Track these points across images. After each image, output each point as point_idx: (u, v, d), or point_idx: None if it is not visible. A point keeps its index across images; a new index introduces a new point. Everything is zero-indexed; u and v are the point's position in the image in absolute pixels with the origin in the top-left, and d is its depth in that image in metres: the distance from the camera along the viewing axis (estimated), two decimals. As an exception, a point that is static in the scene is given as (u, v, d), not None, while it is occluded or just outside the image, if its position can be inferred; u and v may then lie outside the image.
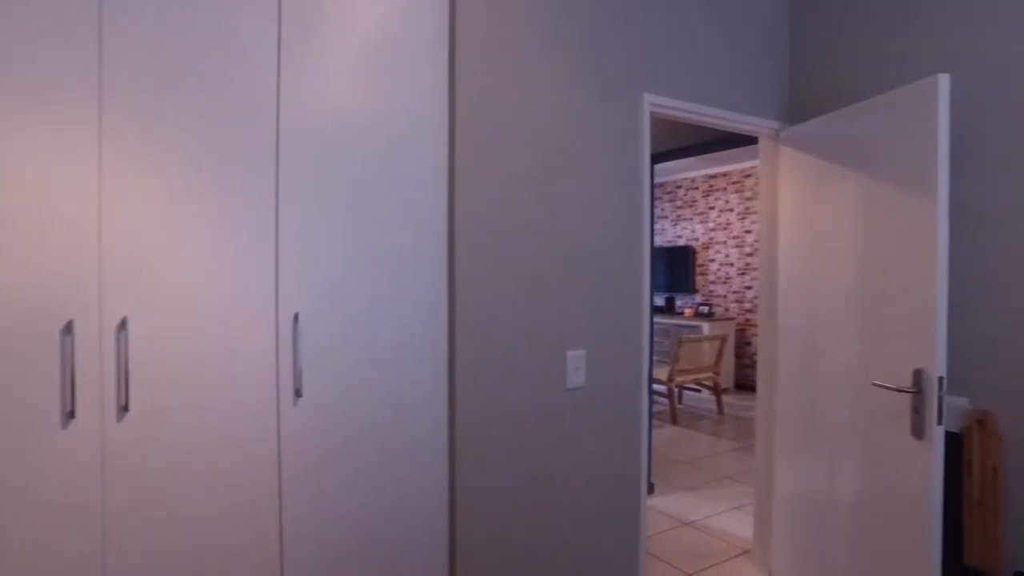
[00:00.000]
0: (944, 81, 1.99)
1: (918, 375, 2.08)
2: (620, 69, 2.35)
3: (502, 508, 2.09)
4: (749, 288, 7.65)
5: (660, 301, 8.70)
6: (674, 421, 6.07)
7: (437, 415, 1.98)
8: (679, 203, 8.60)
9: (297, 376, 1.72)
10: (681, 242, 8.56)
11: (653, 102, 2.43)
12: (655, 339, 8.24)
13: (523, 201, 2.12)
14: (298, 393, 1.73)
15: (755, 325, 7.58)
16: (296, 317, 1.72)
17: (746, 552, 3.14)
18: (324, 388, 1.77)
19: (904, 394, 2.12)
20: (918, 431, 2.08)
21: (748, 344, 7.66)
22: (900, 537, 2.13)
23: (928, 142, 2.04)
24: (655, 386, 6.61)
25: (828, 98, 2.77)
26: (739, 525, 3.50)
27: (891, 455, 2.18)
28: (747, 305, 7.67)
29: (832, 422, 2.47)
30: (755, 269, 7.58)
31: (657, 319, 8.23)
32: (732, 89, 2.70)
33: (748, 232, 7.65)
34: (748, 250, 7.65)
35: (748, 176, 7.64)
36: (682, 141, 3.42)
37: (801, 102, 2.87)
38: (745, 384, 7.66)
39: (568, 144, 2.22)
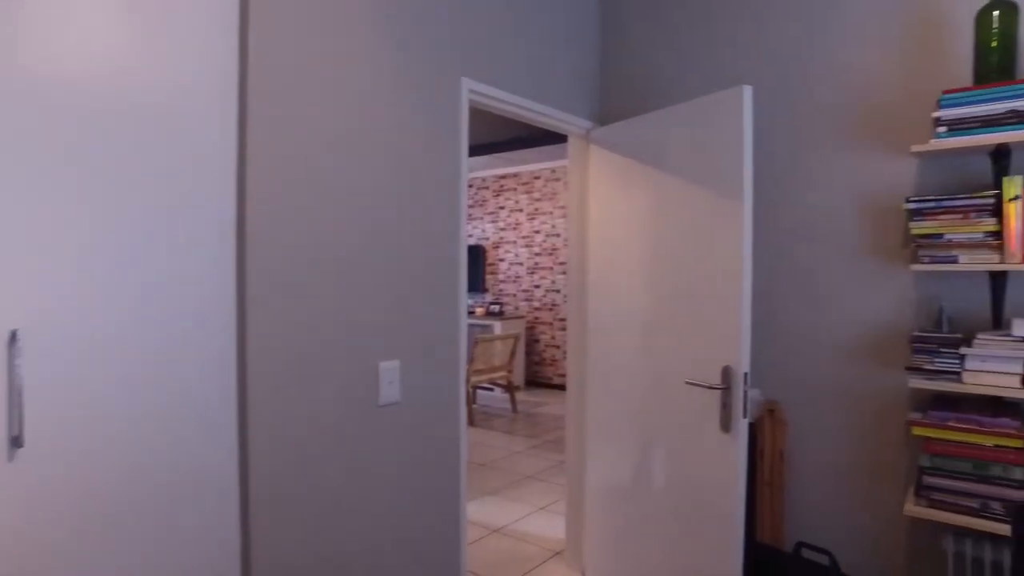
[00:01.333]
0: (748, 92, 2.11)
1: (726, 372, 2.18)
2: (438, 49, 2.13)
3: (308, 547, 1.75)
4: (538, 287, 7.93)
5: (452, 300, 8.65)
6: (471, 422, 6.02)
7: (225, 447, 1.58)
8: (470, 202, 8.64)
9: (15, 419, 1.23)
10: (472, 241, 8.61)
11: (472, 88, 2.25)
12: (448, 339, 8.17)
13: (327, 193, 1.80)
14: (16, 442, 1.23)
15: (544, 323, 7.89)
16: (13, 336, 1.23)
17: (558, 553, 3.13)
18: (59, 432, 1.30)
19: (714, 391, 2.22)
20: (726, 424, 2.18)
21: (537, 342, 7.94)
22: (709, 523, 2.22)
23: (734, 148, 2.14)
24: (451, 387, 6.51)
25: (636, 102, 2.84)
26: (547, 526, 3.50)
27: (702, 448, 2.27)
28: (536, 304, 7.95)
29: (646, 419, 2.52)
30: (544, 268, 7.89)
31: (450, 319, 8.16)
32: (551, 85, 2.63)
33: (537, 232, 7.92)
34: (537, 250, 7.93)
35: (537, 178, 7.91)
36: (484, 137, 3.32)
37: (611, 104, 2.92)
38: (536, 381, 7.93)
39: (380, 126, 1.95)
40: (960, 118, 1.90)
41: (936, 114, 1.93)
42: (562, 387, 7.73)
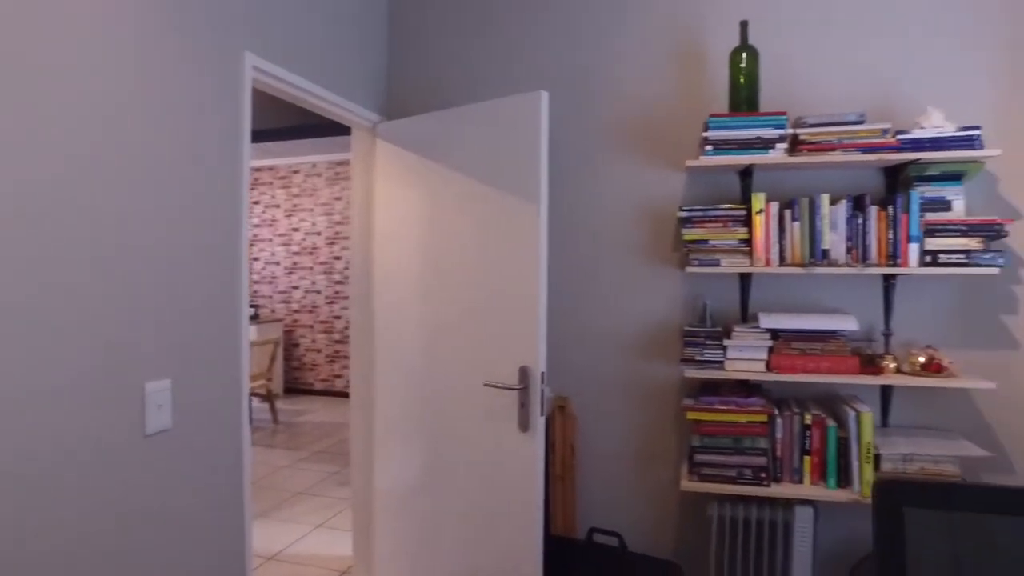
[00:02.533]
0: (544, 97, 2.17)
1: (524, 372, 2.22)
2: (217, 15, 1.82)
3: (49, 638, 1.35)
4: (296, 288, 7.41)
5: (195, 303, 7.66)
6: (224, 439, 5.37)
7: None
8: (216, 194, 7.73)
9: None
10: (219, 237, 7.71)
11: (256, 65, 1.97)
12: (191, 347, 7.22)
13: (62, 191, 1.42)
14: None
15: (305, 326, 7.40)
16: None
17: (344, 573, 2.91)
18: None
19: (512, 391, 2.24)
20: (524, 424, 2.22)
21: (297, 346, 7.41)
22: (509, 521, 2.24)
23: (530, 151, 2.18)
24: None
25: (427, 100, 2.77)
26: (329, 544, 3.25)
27: (501, 449, 2.28)
28: (295, 306, 7.42)
29: (443, 423, 2.46)
30: (304, 268, 7.39)
31: (193, 324, 7.22)
32: (339, 71, 2.43)
33: (296, 230, 7.40)
34: (296, 248, 7.40)
35: (296, 172, 7.39)
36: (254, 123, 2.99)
37: (400, 99, 2.80)
38: (295, 388, 7.40)
39: (140, 103, 1.59)
40: (723, 139, 2.18)
41: (705, 134, 2.19)
42: (326, 393, 7.33)
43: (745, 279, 2.39)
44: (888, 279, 2.28)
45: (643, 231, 2.50)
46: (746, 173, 2.37)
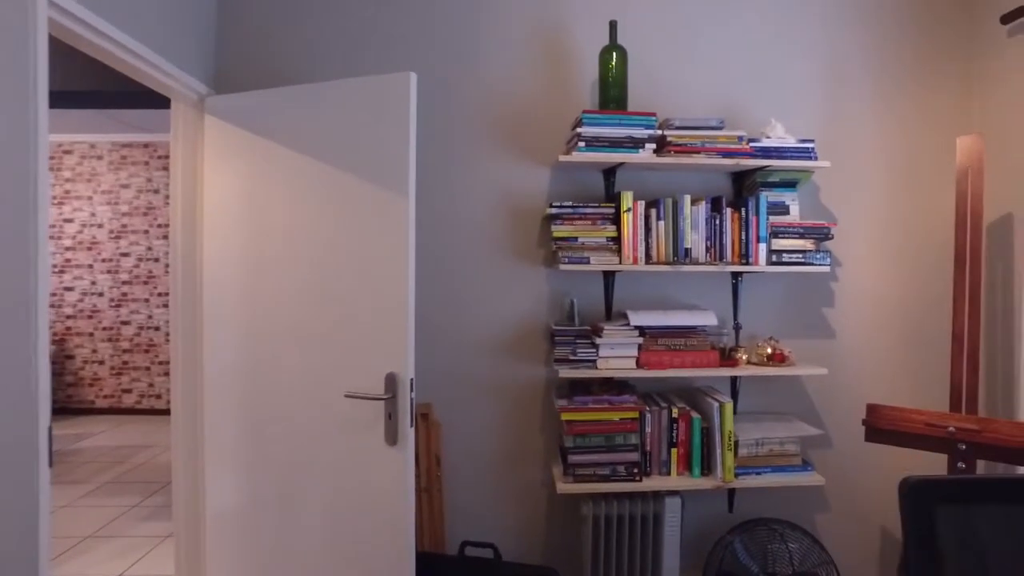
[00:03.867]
0: (414, 79, 1.98)
1: (391, 380, 2.01)
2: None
3: None
4: (71, 290, 6.25)
5: (-77, 310, 6.11)
6: (-25, 478, 4.32)
7: None
8: (-46, 174, 6.25)
9: None
10: (-41, 228, 6.24)
11: (54, 1, 1.53)
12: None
13: None
14: None
15: (82, 334, 6.26)
16: None
17: (163, 631, 2.45)
18: None
19: (378, 401, 2.02)
20: (392, 436, 2.01)
21: (71, 358, 6.25)
22: (376, 543, 2.02)
23: (398, 137, 1.98)
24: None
25: (271, 73, 2.41)
26: (138, 597, 2.72)
27: (366, 464, 2.05)
28: (68, 311, 6.25)
29: (296, 439, 2.15)
30: (81, 267, 6.25)
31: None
32: (160, 25, 2.01)
33: (69, 221, 6.23)
34: (69, 243, 6.23)
35: (69, 152, 6.21)
36: None
37: (236, 70, 2.41)
38: (68, 407, 6.23)
39: None
40: (595, 136, 2.17)
41: (578, 130, 2.16)
42: (112, 411, 6.27)
43: (609, 277, 2.41)
44: (736, 276, 2.44)
45: (509, 228, 2.41)
46: (610, 172, 2.39)
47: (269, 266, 2.16)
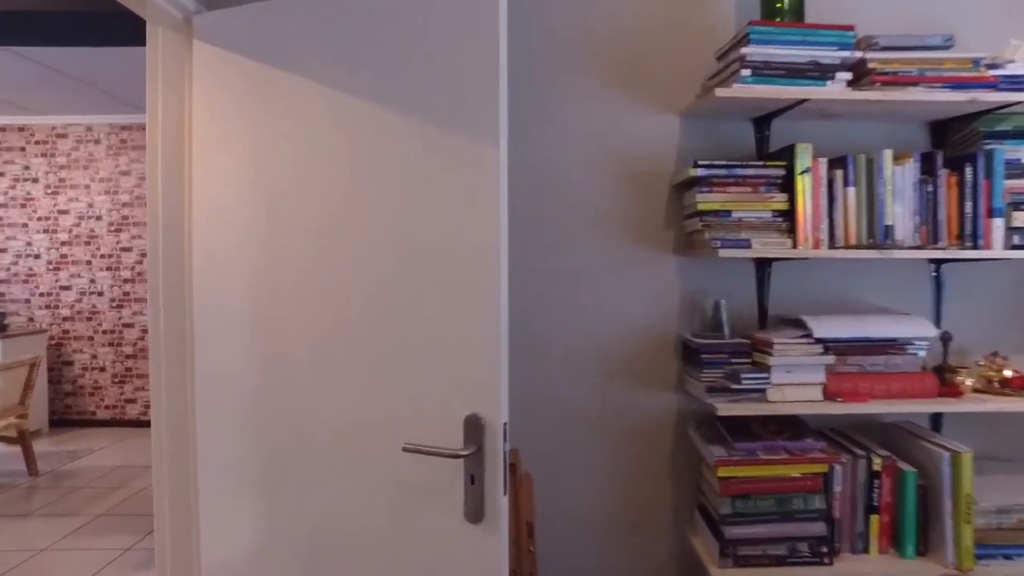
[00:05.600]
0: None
1: (474, 426, 1.33)
2: None
3: None
4: (68, 288, 5.64)
5: (-94, 312, 5.56)
6: (-52, 509, 3.73)
7: None
8: (-62, 162, 5.67)
9: None
10: (-55, 222, 5.67)
11: None
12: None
13: None
14: None
15: (81, 338, 5.65)
16: None
17: None
18: None
19: (455, 459, 1.34)
20: (476, 509, 1.34)
21: (69, 364, 5.65)
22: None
23: (483, 61, 1.30)
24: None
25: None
26: None
27: (434, 550, 1.38)
28: (64, 312, 5.64)
29: (324, 516, 1.48)
30: (75, 263, 5.63)
31: (-98, 341, 5.18)
32: None
33: (65, 213, 5.62)
34: (65, 237, 5.62)
35: (63, 136, 5.60)
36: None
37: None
38: (68, 420, 5.64)
39: None
40: (766, 61, 1.47)
41: (745, 50, 1.46)
42: (115, 423, 5.67)
43: (763, 268, 1.72)
44: (936, 265, 1.74)
45: (623, 199, 1.73)
46: (763, 122, 1.70)
47: (287, 257, 1.48)
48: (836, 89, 1.49)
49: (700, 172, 1.54)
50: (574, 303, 1.72)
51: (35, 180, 5.61)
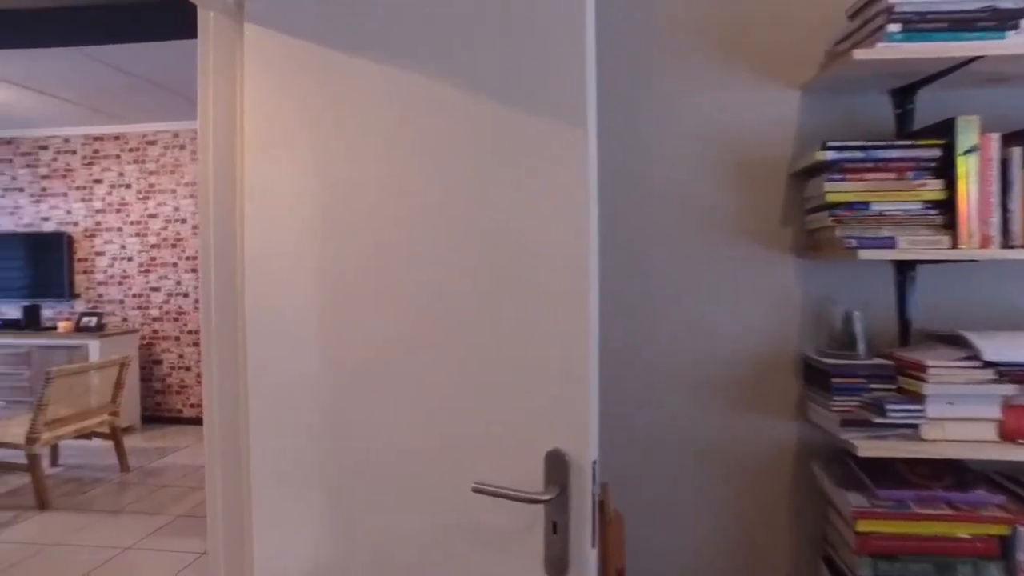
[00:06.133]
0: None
1: (556, 463, 1.12)
2: None
3: None
4: (156, 290, 5.84)
5: (14, 312, 5.91)
6: (43, 504, 3.87)
7: None
8: (44, 171, 6.00)
9: None
10: (50, 227, 5.99)
11: None
12: (5, 371, 5.51)
13: None
14: None
15: (168, 338, 5.85)
16: None
17: None
18: None
19: (534, 504, 1.13)
20: (557, 562, 1.12)
21: (159, 363, 5.85)
22: None
23: (567, 31, 1.08)
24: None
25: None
26: None
27: (508, 610, 1.17)
28: (154, 312, 5.85)
29: (378, 541, 1.30)
30: (166, 265, 5.82)
31: (9, 339, 5.51)
32: None
33: (154, 217, 5.82)
34: (154, 240, 5.82)
35: (153, 143, 5.80)
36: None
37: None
38: (158, 416, 5.84)
39: None
40: (922, 12, 1.17)
41: (892, 0, 1.17)
42: (198, 421, 5.82)
43: (904, 272, 1.41)
44: None
45: (729, 191, 1.46)
46: (904, 93, 1.39)
47: (346, 258, 1.31)
48: (1020, 40, 1.17)
49: (830, 156, 1.25)
50: (670, 314, 1.47)
51: (128, 186, 5.84)
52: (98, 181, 5.89)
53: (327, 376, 1.32)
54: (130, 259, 5.85)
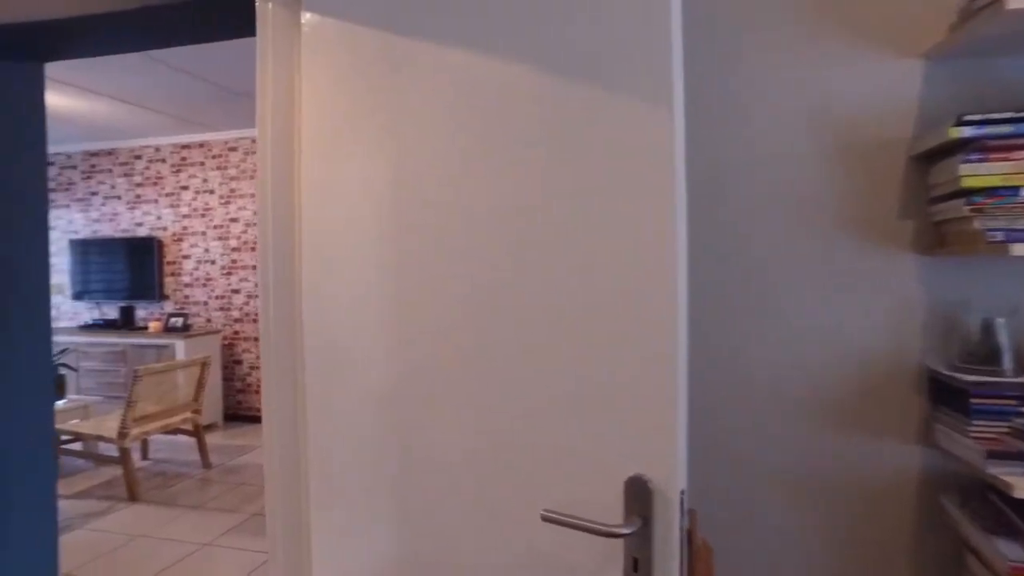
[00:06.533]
0: None
1: (637, 491, 0.98)
2: None
3: None
4: (237, 292, 6.04)
5: (113, 312, 6.26)
6: (133, 496, 4.03)
7: None
8: (139, 179, 6.32)
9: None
10: (143, 231, 6.31)
11: None
12: (104, 368, 5.83)
13: None
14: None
15: (248, 338, 6.03)
16: None
17: None
18: None
19: (614, 538, 0.99)
20: (639, 603, 0.98)
21: (239, 363, 6.05)
22: None
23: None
24: (82, 447, 4.41)
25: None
26: None
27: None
28: (235, 314, 6.05)
29: (438, 561, 1.19)
30: (246, 267, 6.01)
31: (108, 339, 5.83)
32: None
33: (234, 220, 6.02)
34: (235, 243, 6.02)
35: (234, 149, 6.00)
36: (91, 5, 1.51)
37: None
38: (239, 414, 6.03)
39: None
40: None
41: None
42: (277, 420, 5.98)
43: (1057, 270, 1.18)
44: None
45: (837, 179, 1.27)
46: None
47: (410, 258, 1.21)
48: None
49: (967, 132, 1.05)
50: (765, 319, 1.29)
51: (211, 191, 6.06)
52: (184, 187, 6.14)
53: (387, 384, 1.23)
54: (213, 262, 6.07)
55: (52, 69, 4.06)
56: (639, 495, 0.98)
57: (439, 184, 1.15)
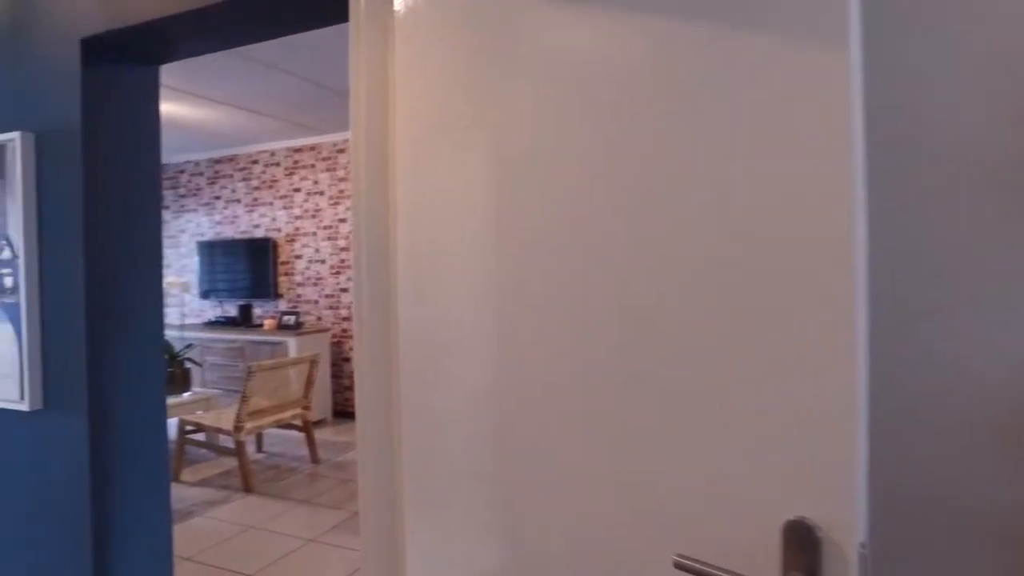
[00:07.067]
0: None
1: (799, 538, 0.78)
2: None
3: None
4: (345, 291, 6.21)
5: (233, 310, 6.62)
6: (248, 487, 4.19)
7: None
8: (256, 183, 6.65)
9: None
10: (260, 233, 6.64)
11: None
12: (225, 363, 6.17)
13: None
14: None
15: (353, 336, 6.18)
16: None
17: None
18: None
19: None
20: None
21: (347, 360, 6.21)
22: None
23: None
24: (205, 437, 4.63)
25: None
26: None
27: None
28: (343, 312, 6.22)
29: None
30: (351, 267, 6.16)
31: (228, 335, 6.17)
32: None
33: (342, 221, 6.20)
34: (343, 243, 6.20)
35: (342, 152, 6.18)
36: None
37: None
38: (347, 411, 6.20)
39: None
40: None
41: None
42: (381, 416, 6.09)
43: None
44: None
45: (1055, 147, 1.00)
46: None
47: (515, 259, 1.07)
48: None
49: None
50: (960, 326, 1.04)
51: (321, 193, 6.27)
52: (297, 190, 6.39)
53: (495, 389, 1.09)
54: (323, 262, 6.28)
55: (176, 80, 4.31)
56: (801, 544, 0.78)
57: (551, 178, 1.00)
